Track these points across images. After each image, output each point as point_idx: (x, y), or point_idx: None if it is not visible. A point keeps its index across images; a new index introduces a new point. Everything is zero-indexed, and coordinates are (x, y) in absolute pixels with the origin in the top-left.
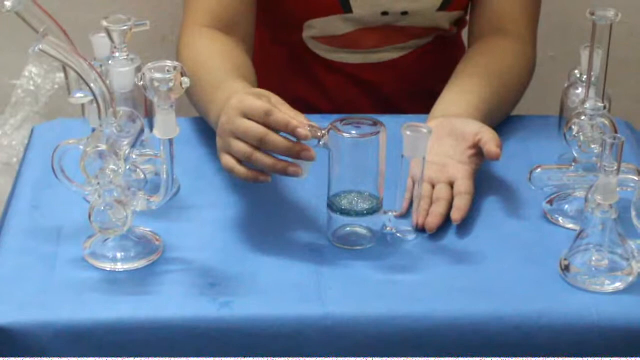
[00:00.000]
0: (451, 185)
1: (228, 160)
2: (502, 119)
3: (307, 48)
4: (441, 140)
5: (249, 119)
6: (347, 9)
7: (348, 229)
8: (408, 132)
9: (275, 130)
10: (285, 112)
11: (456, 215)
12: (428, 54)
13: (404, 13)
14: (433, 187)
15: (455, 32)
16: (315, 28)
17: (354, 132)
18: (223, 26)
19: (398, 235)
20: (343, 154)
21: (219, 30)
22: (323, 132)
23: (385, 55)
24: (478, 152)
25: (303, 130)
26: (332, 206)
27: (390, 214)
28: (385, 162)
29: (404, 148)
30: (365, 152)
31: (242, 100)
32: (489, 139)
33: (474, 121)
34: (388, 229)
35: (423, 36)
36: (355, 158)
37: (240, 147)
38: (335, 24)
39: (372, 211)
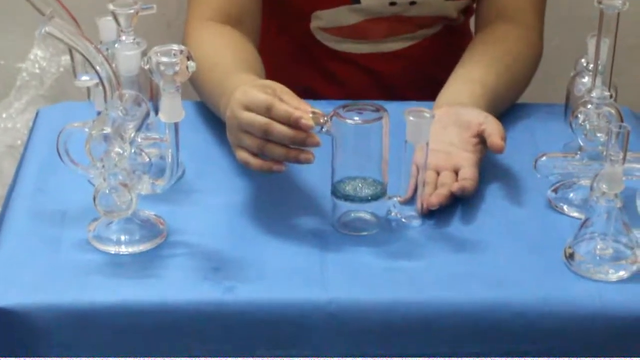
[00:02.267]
0: (456, 173)
1: (242, 154)
2: (509, 106)
3: (315, 38)
4: (446, 129)
5: (253, 112)
6: (355, 0)
7: (352, 214)
8: (411, 117)
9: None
10: (288, 102)
11: (456, 185)
12: (436, 43)
13: (412, 3)
14: (437, 174)
15: (462, 20)
16: (323, 19)
17: (356, 118)
18: (229, 19)
19: (403, 220)
20: (346, 140)
21: (225, 23)
22: (326, 118)
23: (393, 45)
24: (482, 140)
25: (305, 121)
26: (336, 192)
27: (394, 199)
28: (388, 148)
29: (406, 133)
30: (368, 138)
31: (245, 93)
32: (493, 130)
33: (479, 110)
34: (393, 214)
35: (431, 25)
36: (358, 144)
37: (251, 140)
38: (343, 15)
39: (376, 197)
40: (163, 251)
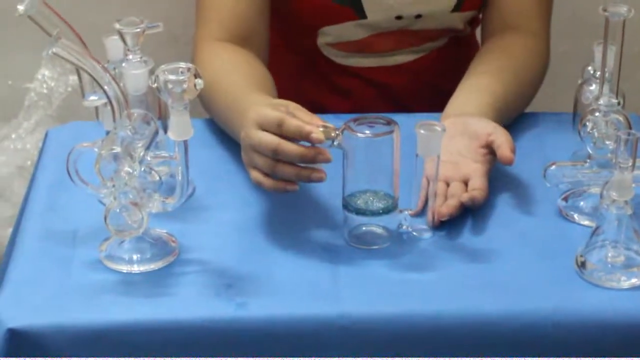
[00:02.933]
0: (465, 183)
1: (255, 175)
2: (517, 115)
3: (322, 54)
4: (454, 139)
5: (266, 130)
6: (362, 15)
7: (364, 228)
8: (422, 131)
9: (293, 138)
10: (300, 118)
11: (466, 196)
12: (443, 55)
13: (418, 16)
14: (447, 185)
15: (468, 31)
16: (330, 35)
17: (367, 131)
18: (238, 39)
19: (414, 233)
20: (357, 154)
21: (234, 43)
22: (337, 132)
23: (400, 58)
24: (491, 151)
25: (316, 135)
26: (347, 206)
27: (405, 212)
28: (399, 161)
29: (417, 147)
30: (379, 152)
31: (257, 112)
32: (502, 142)
33: (487, 120)
34: (404, 227)
35: (437, 38)
36: (369, 157)
37: (262, 160)
38: (349, 30)
39: (387, 210)
40: (175, 269)
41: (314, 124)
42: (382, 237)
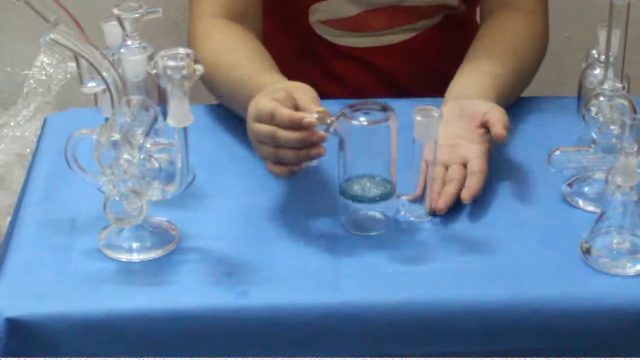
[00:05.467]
0: (465, 165)
1: (268, 166)
2: (519, 95)
3: (315, 33)
4: (452, 123)
5: (262, 122)
6: None
7: (362, 213)
8: (418, 117)
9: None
10: (298, 102)
11: (465, 194)
12: (439, 35)
13: None
14: (446, 169)
15: (463, 9)
16: (321, 11)
17: (362, 119)
18: (233, 16)
19: (412, 219)
20: (353, 141)
21: (229, 20)
22: (332, 118)
23: (394, 38)
24: (489, 130)
25: (308, 120)
26: (344, 193)
27: (403, 198)
28: (396, 147)
29: (414, 132)
30: (375, 138)
31: (254, 105)
32: (496, 119)
33: (484, 101)
34: (402, 213)
35: (431, 16)
36: (365, 144)
37: (266, 150)
38: (340, 6)
39: (385, 197)
40: (175, 257)
41: (307, 110)
42: (380, 223)
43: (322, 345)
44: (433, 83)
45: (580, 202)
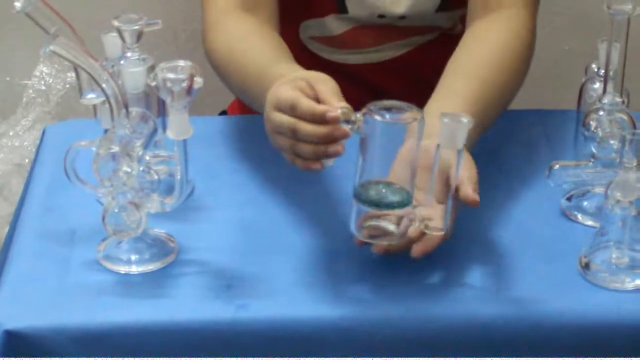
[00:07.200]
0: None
1: (288, 157)
2: (504, 107)
3: (308, 49)
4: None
5: (282, 112)
6: (343, 9)
7: (373, 221)
8: (445, 120)
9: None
10: (319, 93)
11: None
12: (432, 51)
13: (402, 17)
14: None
15: (460, 29)
16: (312, 28)
17: (388, 116)
18: (248, 6)
19: (427, 231)
20: (376, 140)
21: (244, 10)
22: (357, 115)
23: (385, 54)
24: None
25: (332, 113)
26: (359, 196)
27: (419, 207)
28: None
29: (439, 136)
30: (400, 140)
31: (274, 93)
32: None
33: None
34: (417, 224)
35: (424, 33)
36: (388, 145)
37: (282, 141)
38: (331, 24)
39: (402, 204)
40: (174, 270)
41: (329, 104)
42: (391, 232)
43: (321, 358)
44: (426, 98)
45: (580, 217)
